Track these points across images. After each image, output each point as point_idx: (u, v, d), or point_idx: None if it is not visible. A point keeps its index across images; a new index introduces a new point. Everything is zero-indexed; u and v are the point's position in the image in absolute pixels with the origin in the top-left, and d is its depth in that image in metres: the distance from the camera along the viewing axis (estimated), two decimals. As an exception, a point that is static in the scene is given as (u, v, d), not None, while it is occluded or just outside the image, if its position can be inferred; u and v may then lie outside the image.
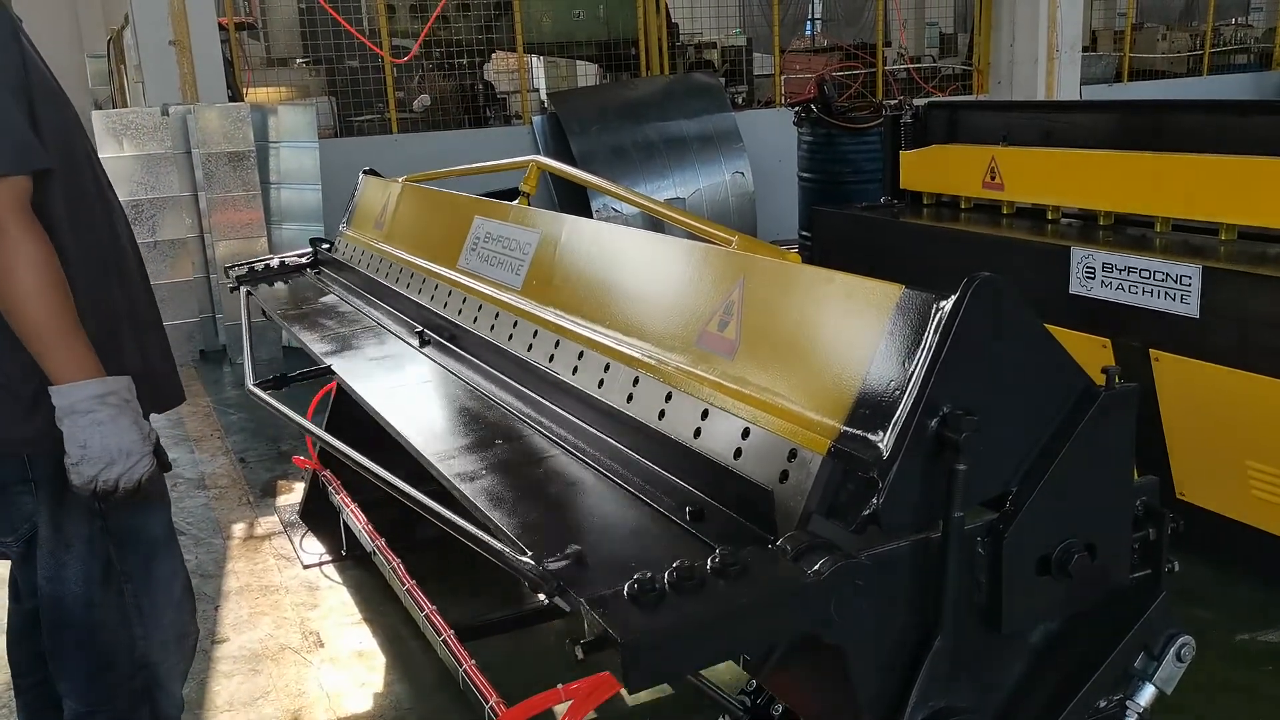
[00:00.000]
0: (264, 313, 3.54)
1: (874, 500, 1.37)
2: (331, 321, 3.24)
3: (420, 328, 2.83)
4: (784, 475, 1.53)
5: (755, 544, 1.42)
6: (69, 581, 2.00)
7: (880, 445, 1.40)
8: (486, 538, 1.61)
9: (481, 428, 2.16)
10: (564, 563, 1.44)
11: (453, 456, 2.00)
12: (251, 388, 2.82)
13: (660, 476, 1.76)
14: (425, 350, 2.75)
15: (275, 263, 3.90)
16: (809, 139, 7.74)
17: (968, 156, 4.57)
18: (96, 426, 1.83)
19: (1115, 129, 4.25)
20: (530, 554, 1.48)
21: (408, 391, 2.51)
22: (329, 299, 3.54)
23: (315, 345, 2.95)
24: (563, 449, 1.99)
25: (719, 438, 1.68)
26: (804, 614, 1.33)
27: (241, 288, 3.69)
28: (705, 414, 1.72)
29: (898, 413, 1.40)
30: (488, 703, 2.45)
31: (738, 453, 1.63)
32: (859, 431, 1.44)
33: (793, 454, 1.52)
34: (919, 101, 5.33)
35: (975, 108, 5.88)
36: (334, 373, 2.75)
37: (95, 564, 2.00)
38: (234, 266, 3.83)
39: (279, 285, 3.79)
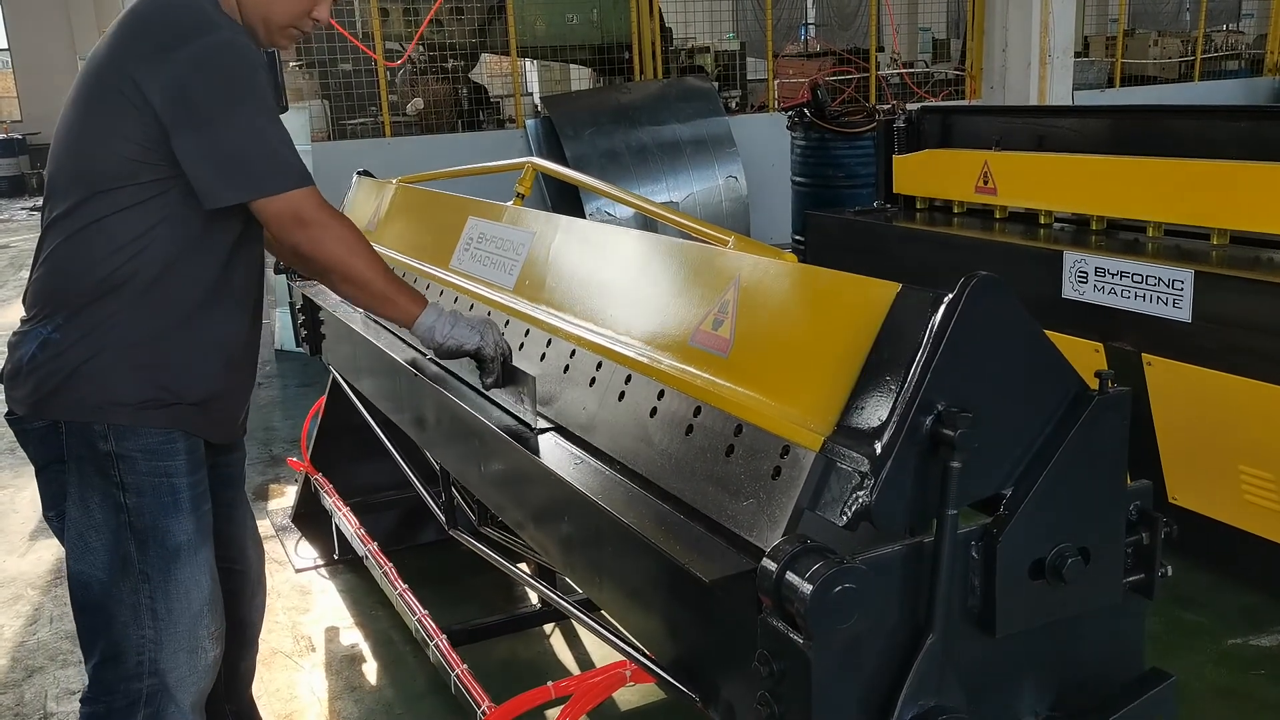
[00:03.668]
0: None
1: (866, 496, 1.37)
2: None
3: (411, 368, 2.71)
4: (776, 471, 1.52)
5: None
6: (95, 566, 2.02)
7: (874, 442, 1.39)
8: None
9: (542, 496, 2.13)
10: None
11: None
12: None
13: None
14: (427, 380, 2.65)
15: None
16: (802, 143, 7.75)
17: (960, 161, 4.58)
18: (458, 325, 2.13)
19: (1107, 134, 4.26)
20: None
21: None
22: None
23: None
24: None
25: (712, 435, 1.67)
26: (839, 660, 1.37)
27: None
28: (698, 411, 1.72)
29: (893, 410, 1.39)
30: (480, 707, 2.44)
31: (730, 449, 1.62)
32: (853, 428, 1.44)
33: (785, 450, 1.52)
34: (912, 106, 5.34)
35: (968, 112, 5.91)
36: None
37: (117, 555, 2.02)
38: None
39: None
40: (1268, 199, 3.41)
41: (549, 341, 2.23)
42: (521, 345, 2.32)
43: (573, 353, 2.13)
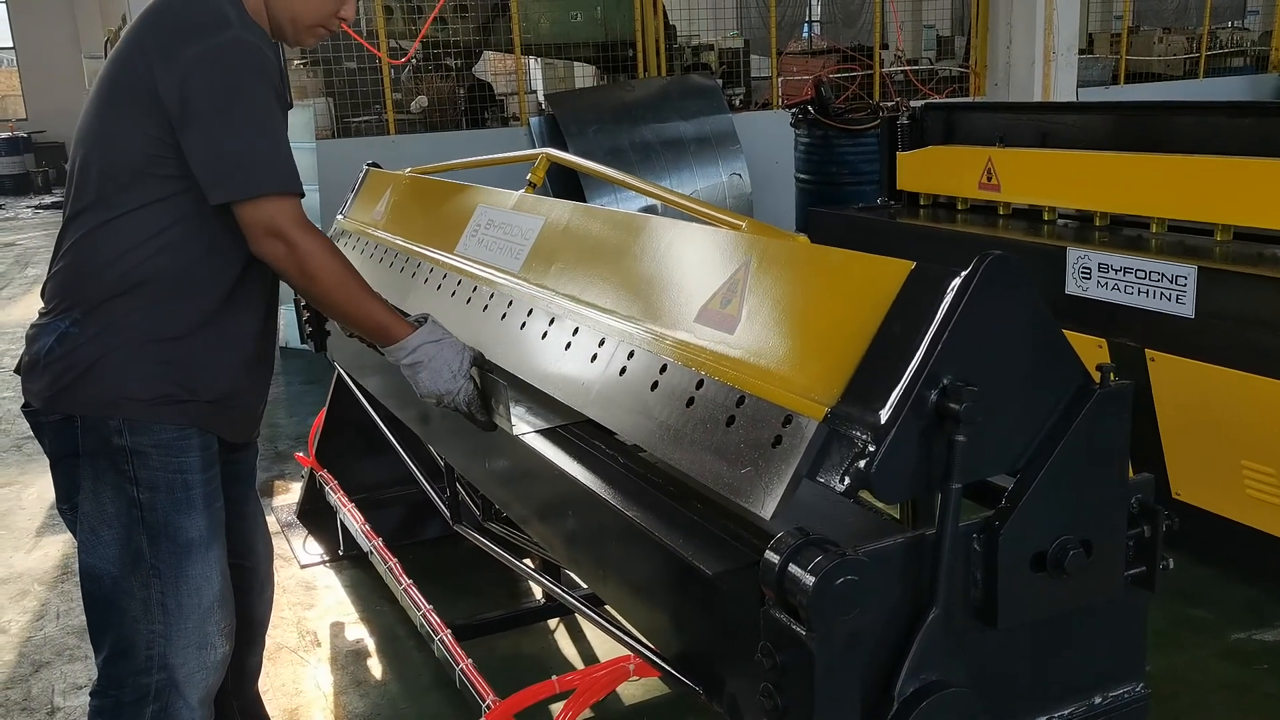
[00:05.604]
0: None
1: (868, 464, 1.37)
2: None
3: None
4: (777, 440, 1.50)
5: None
6: (106, 560, 2.03)
7: (878, 411, 1.39)
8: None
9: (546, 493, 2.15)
10: None
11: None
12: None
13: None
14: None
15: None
16: (806, 141, 7.75)
17: (964, 158, 4.58)
18: (431, 363, 2.08)
19: (1111, 130, 4.26)
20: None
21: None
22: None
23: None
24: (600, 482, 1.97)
25: (713, 406, 1.66)
26: (841, 650, 1.37)
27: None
28: (700, 384, 1.70)
29: (899, 382, 1.39)
30: (484, 701, 2.45)
31: (730, 420, 1.60)
32: (858, 399, 1.43)
33: (788, 419, 1.50)
34: (916, 103, 5.34)
35: (971, 109, 5.90)
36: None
37: (128, 550, 2.02)
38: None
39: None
40: (1271, 195, 3.41)
41: (552, 320, 2.21)
42: (524, 325, 2.30)
43: (575, 330, 2.11)
